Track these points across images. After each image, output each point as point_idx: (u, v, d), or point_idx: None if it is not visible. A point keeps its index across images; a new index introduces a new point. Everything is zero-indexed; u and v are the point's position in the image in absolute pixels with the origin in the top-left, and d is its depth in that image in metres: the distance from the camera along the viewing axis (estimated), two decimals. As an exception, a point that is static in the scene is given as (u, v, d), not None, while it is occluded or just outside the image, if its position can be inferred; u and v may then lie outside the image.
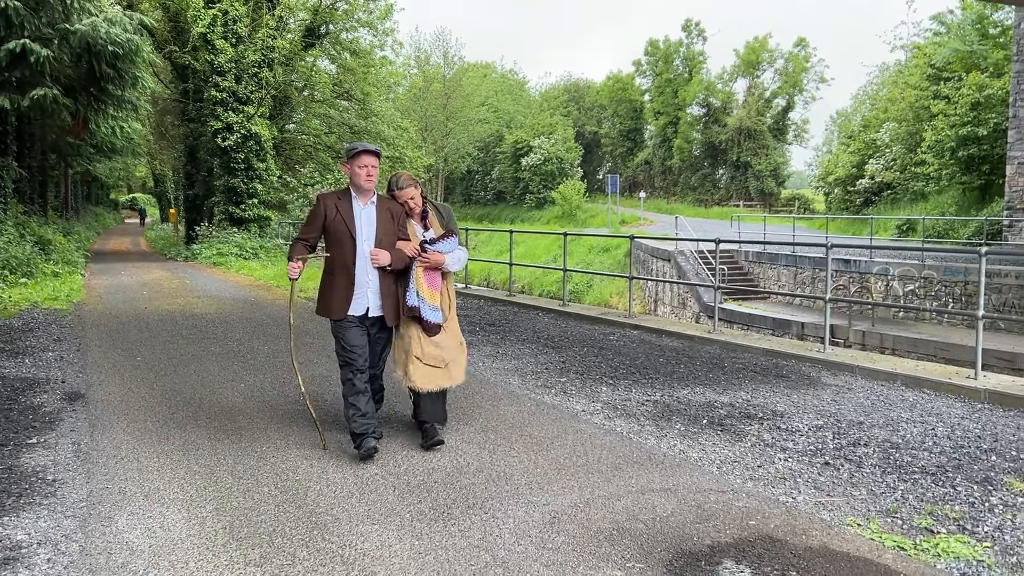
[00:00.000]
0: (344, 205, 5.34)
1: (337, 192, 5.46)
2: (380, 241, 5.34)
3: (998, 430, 6.16)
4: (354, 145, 5.34)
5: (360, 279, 5.32)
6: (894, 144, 39.61)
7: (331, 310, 5.36)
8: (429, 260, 5.48)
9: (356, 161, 5.30)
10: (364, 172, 5.31)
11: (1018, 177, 24.38)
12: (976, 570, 3.76)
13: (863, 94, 54.80)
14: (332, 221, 5.31)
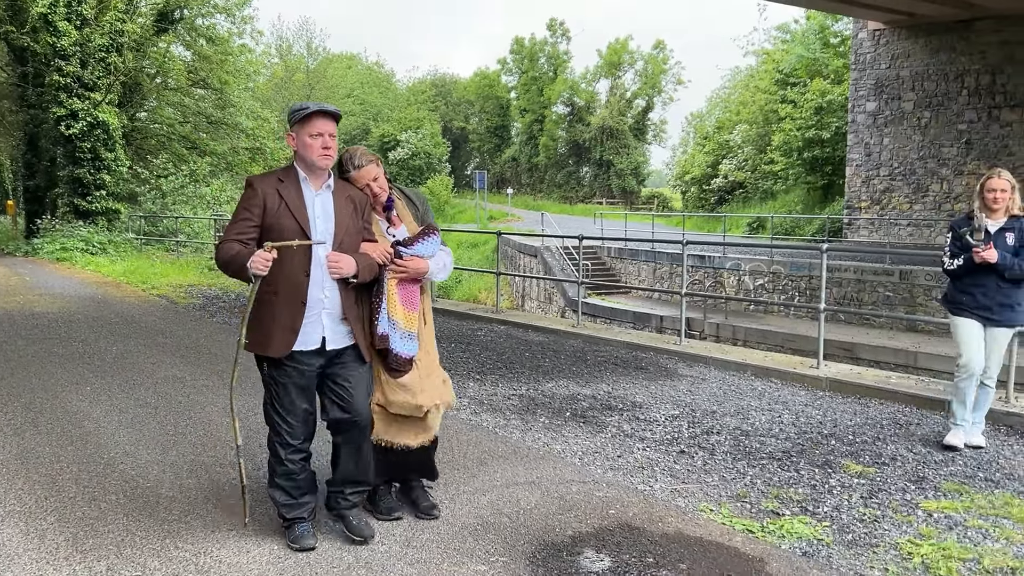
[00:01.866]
0: (290, 191, 3.72)
1: (277, 173, 3.81)
2: (341, 242, 3.75)
3: (837, 416, 6.58)
4: (304, 105, 3.73)
5: (314, 297, 3.70)
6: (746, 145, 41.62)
7: (268, 344, 3.69)
8: (407, 269, 3.98)
9: (307, 127, 3.68)
10: (319, 144, 3.68)
11: (855, 178, 26.12)
12: (816, 548, 4.00)
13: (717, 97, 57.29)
14: (275, 214, 3.68)
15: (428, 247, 4.07)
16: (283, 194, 3.71)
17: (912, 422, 6.42)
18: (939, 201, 24.01)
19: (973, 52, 23.02)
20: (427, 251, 4.06)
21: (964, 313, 5.65)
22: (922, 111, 24.27)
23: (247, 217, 3.71)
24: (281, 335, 3.68)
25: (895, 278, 18.46)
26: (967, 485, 4.94)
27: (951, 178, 23.72)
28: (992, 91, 22.78)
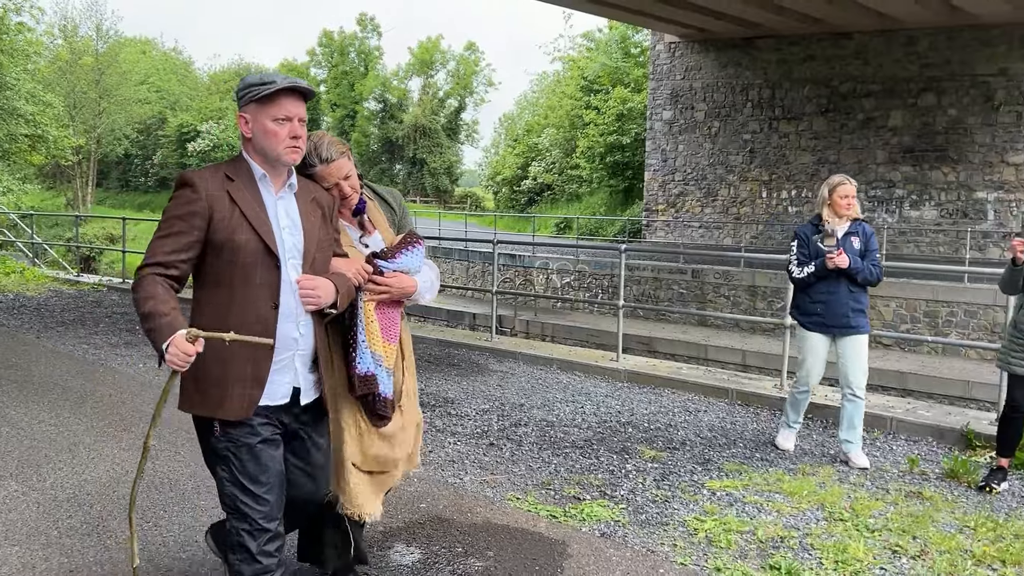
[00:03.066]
0: (245, 194, 2.73)
1: (222, 169, 2.78)
2: (313, 260, 2.82)
3: (634, 405, 7.00)
4: (267, 79, 2.72)
5: (285, 335, 2.75)
6: (553, 148, 43.04)
7: (223, 402, 2.70)
8: (390, 288, 3.13)
9: (270, 109, 2.71)
10: (286, 131, 2.72)
11: (653, 182, 27.68)
12: (613, 529, 4.26)
13: (526, 100, 58.85)
14: (226, 227, 2.68)
15: (413, 260, 3.21)
16: (236, 198, 2.68)
17: (700, 409, 6.94)
18: (727, 205, 25.89)
19: (756, 68, 25.02)
20: (412, 265, 3.21)
21: (816, 328, 5.49)
22: (712, 121, 26.09)
23: (182, 230, 2.63)
24: (241, 390, 2.68)
25: (688, 276, 19.76)
26: (746, 465, 5.42)
27: (737, 184, 25.65)
28: (772, 104, 24.85)
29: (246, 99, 2.72)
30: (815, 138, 23.93)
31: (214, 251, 2.67)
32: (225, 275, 2.68)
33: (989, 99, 21.09)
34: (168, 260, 2.64)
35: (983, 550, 4.05)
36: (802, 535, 4.20)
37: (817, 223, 5.53)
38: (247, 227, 2.68)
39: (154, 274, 2.62)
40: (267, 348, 2.66)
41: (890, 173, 22.58)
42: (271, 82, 2.69)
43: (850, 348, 5.46)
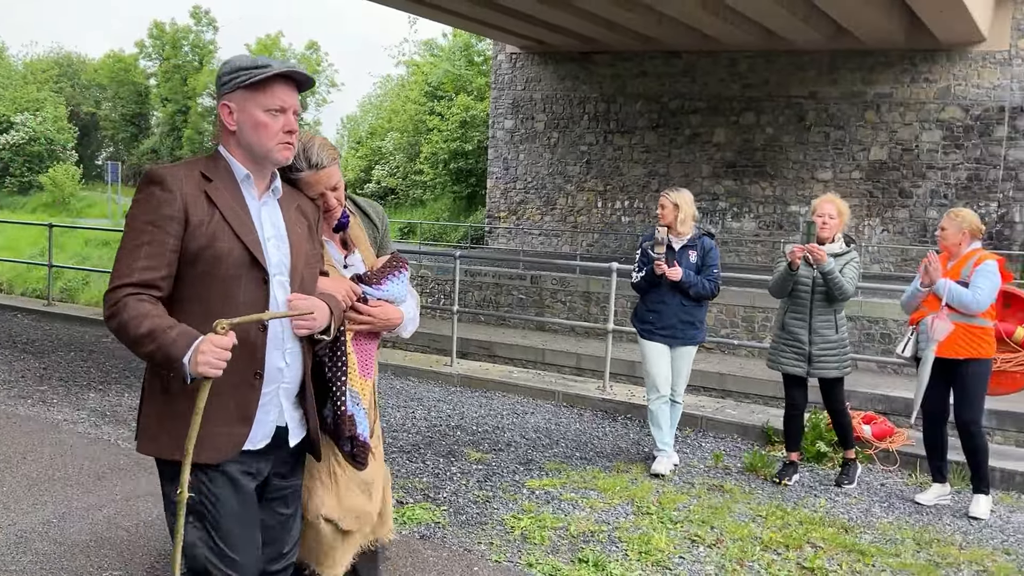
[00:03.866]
0: (225, 196, 2.31)
1: (197, 165, 2.34)
2: (301, 278, 2.42)
3: (465, 409, 7.13)
4: (260, 62, 2.32)
5: (272, 365, 2.35)
6: (397, 153, 42.84)
7: (200, 444, 2.19)
8: (374, 319, 2.76)
9: (261, 97, 2.31)
10: (279, 125, 2.33)
11: (495, 190, 28.12)
12: (433, 530, 4.35)
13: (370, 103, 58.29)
14: (205, 233, 2.25)
15: (399, 287, 2.84)
16: (215, 199, 2.26)
17: (528, 411, 7.16)
18: (565, 213, 26.66)
19: (592, 82, 25.93)
20: (399, 293, 2.84)
21: (652, 336, 5.58)
22: (551, 131, 26.81)
23: (157, 239, 2.19)
24: (224, 429, 2.25)
25: (527, 282, 20.22)
26: (566, 464, 5.65)
27: (575, 193, 26.47)
28: (607, 118, 25.83)
29: (232, 84, 2.29)
30: (647, 151, 25.06)
31: (188, 262, 2.22)
32: (201, 291, 2.22)
33: (801, 119, 22.78)
34: (147, 278, 2.15)
35: (771, 536, 4.43)
36: (611, 529, 4.45)
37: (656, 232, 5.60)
38: (229, 234, 2.23)
39: (134, 295, 2.14)
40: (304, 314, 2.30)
41: (714, 187, 23.95)
42: (265, 66, 2.28)
43: (678, 358, 5.60)
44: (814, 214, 5.42)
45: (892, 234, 21.58)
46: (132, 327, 2.11)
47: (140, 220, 2.21)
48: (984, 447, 5.10)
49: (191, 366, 2.08)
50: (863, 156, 21.89)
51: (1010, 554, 4.44)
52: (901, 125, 21.37)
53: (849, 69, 21.85)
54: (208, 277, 2.23)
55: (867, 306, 14.59)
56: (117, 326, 2.14)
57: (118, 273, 2.18)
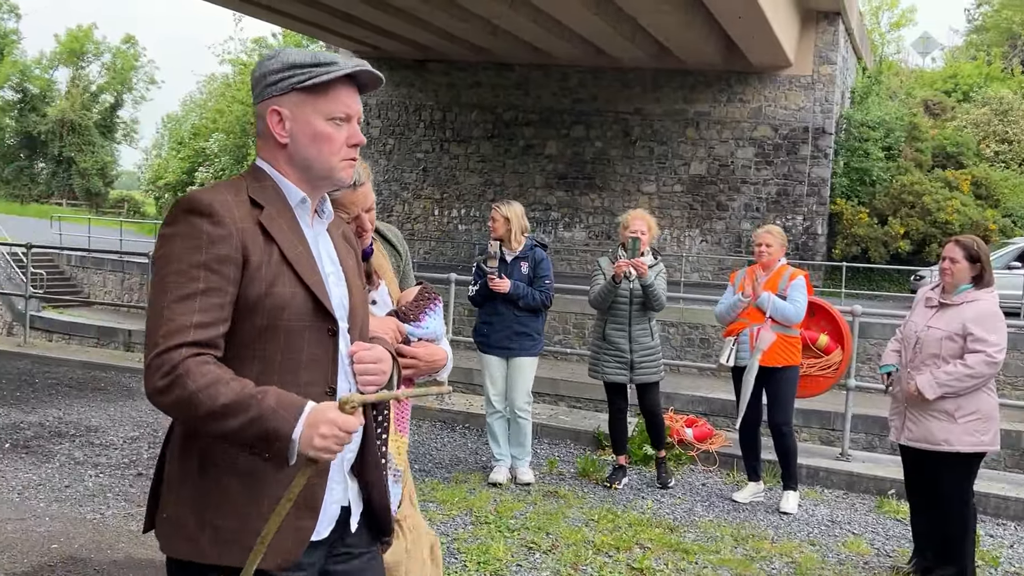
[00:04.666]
0: (281, 227, 1.80)
1: (244, 187, 1.82)
2: (360, 323, 1.93)
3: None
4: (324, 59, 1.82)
5: None
6: (223, 155, 41.20)
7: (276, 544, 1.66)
8: (418, 363, 2.29)
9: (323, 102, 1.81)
10: (343, 136, 1.84)
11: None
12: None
13: (193, 102, 55.72)
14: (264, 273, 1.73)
15: (438, 323, 2.44)
16: (272, 232, 1.77)
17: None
18: (402, 221, 26.54)
19: (428, 90, 26.00)
20: (439, 330, 2.43)
21: (488, 350, 5.61)
22: (387, 138, 26.64)
23: (213, 285, 1.68)
24: (289, 521, 1.67)
25: (361, 290, 19.97)
26: (404, 476, 5.63)
27: (411, 200, 26.42)
28: (444, 127, 25.97)
29: (284, 85, 1.79)
30: (482, 161, 25.40)
31: (244, 313, 1.72)
32: (259, 348, 1.72)
33: (628, 134, 23.82)
34: (207, 336, 1.65)
35: (602, 539, 4.60)
36: (450, 540, 4.48)
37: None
38: (291, 276, 1.75)
39: (194, 356, 1.62)
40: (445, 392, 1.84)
41: (547, 197, 24.60)
42: (328, 63, 1.81)
43: (514, 369, 5.63)
44: (627, 229, 5.67)
45: (710, 244, 22.93)
46: (206, 398, 1.58)
47: (187, 262, 1.66)
48: (794, 447, 5.53)
49: (301, 444, 1.58)
50: (684, 170, 23.15)
51: (815, 545, 4.83)
52: (718, 142, 22.77)
53: (671, 88, 23.07)
54: (268, 331, 1.72)
55: (687, 313, 15.41)
56: (179, 399, 1.59)
57: (168, 330, 1.62)
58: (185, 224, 1.70)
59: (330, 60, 1.81)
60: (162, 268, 1.69)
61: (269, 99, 1.81)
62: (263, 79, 1.82)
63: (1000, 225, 21.04)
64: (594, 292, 5.67)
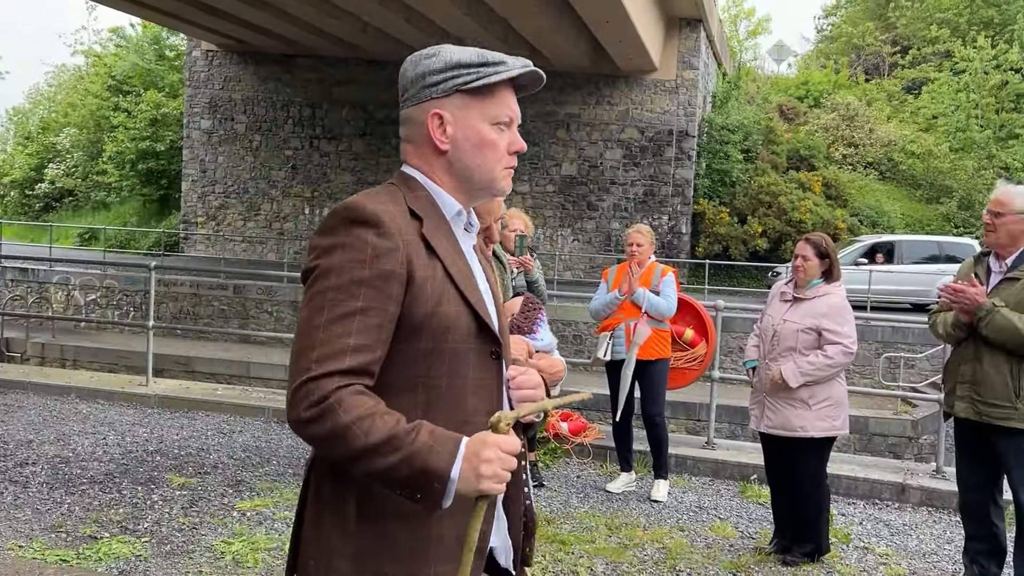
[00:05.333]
0: (442, 241, 1.65)
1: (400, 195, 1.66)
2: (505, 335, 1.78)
3: (164, 432, 6.68)
4: (490, 56, 1.67)
5: None
6: (75, 151, 38.91)
7: None
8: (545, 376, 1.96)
9: (489, 104, 1.67)
10: (504, 143, 1.70)
11: (192, 193, 26.58)
12: (134, 564, 4.05)
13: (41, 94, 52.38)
14: (430, 291, 1.58)
15: (548, 333, 2.39)
16: (435, 246, 1.62)
17: (235, 430, 6.87)
18: (270, 220, 25.83)
19: (297, 85, 25.39)
20: (551, 341, 2.37)
21: None
22: (254, 134, 25.84)
23: (375, 305, 1.52)
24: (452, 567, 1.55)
25: (230, 292, 19.31)
26: (279, 482, 5.51)
27: (280, 199, 25.74)
28: (313, 123, 25.42)
29: (448, 86, 1.63)
30: (355, 159, 25.04)
31: (408, 335, 1.56)
32: (420, 374, 1.57)
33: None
34: (362, 362, 1.49)
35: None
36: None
37: None
38: (455, 294, 1.60)
39: (347, 387, 1.47)
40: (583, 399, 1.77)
41: (420, 195, 24.51)
42: (499, 63, 1.66)
43: None
44: (504, 228, 5.74)
45: (582, 243, 23.43)
46: (359, 433, 1.43)
47: (348, 277, 1.50)
48: (666, 436, 5.75)
49: (460, 482, 1.44)
50: (556, 171, 23.56)
51: (684, 531, 5.04)
52: (588, 143, 23.30)
53: (542, 89, 22.96)
54: (433, 355, 1.57)
55: (561, 310, 15.73)
56: (331, 432, 1.44)
57: (322, 355, 1.47)
58: (347, 235, 1.53)
59: (498, 59, 1.66)
60: (318, 283, 1.52)
61: (427, 101, 1.64)
62: (421, 79, 1.65)
63: (848, 224, 22.43)
64: None
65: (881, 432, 11.37)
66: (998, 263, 4.04)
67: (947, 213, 23.99)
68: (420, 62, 1.66)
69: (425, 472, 1.42)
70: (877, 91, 30.73)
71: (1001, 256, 4.01)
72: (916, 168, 25.57)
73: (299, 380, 1.46)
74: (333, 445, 1.46)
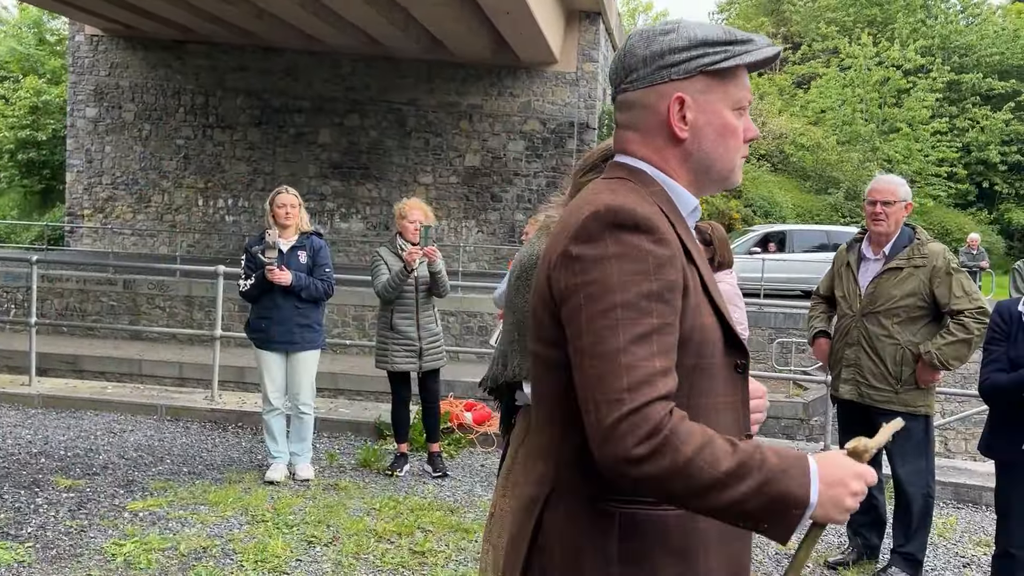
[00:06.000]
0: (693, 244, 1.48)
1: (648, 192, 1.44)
2: None
3: (49, 433, 6.37)
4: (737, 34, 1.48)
5: None
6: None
7: None
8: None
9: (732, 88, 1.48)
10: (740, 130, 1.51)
11: (77, 185, 25.36)
12: (17, 571, 3.84)
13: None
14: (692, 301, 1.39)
15: None
16: (691, 252, 1.45)
17: (126, 429, 6.60)
18: (161, 212, 24.89)
19: (188, 73, 24.50)
20: None
21: (267, 345, 5.36)
22: (143, 123, 24.82)
23: (669, 320, 1.34)
24: None
25: (119, 287, 18.53)
26: (173, 481, 5.32)
27: (172, 190, 24.81)
28: (206, 112, 24.59)
29: (692, 66, 1.45)
30: (250, 148, 24.36)
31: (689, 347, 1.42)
32: (682, 394, 1.37)
33: (403, 125, 23.78)
34: (671, 387, 1.31)
35: (384, 527, 4.60)
36: (225, 542, 4.29)
37: (263, 235, 5.40)
38: (707, 303, 1.44)
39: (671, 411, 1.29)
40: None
41: (321, 187, 24.05)
42: (747, 40, 1.48)
43: (299, 364, 5.41)
44: (403, 219, 5.69)
45: (486, 235, 23.46)
46: (703, 464, 1.25)
47: (635, 292, 1.31)
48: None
49: (818, 507, 1.29)
50: (459, 162, 23.51)
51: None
52: (491, 135, 23.32)
53: (444, 80, 23.31)
54: (695, 372, 1.41)
55: (466, 301, 15.73)
56: (669, 468, 1.25)
57: (634, 381, 1.27)
58: (617, 243, 1.33)
59: (745, 37, 1.48)
60: (599, 301, 1.31)
61: (666, 83, 1.45)
62: (657, 58, 1.45)
63: (743, 214, 23.17)
64: (382, 283, 5.61)
65: (775, 415, 11.80)
66: (873, 250, 4.23)
67: (835, 203, 25.08)
68: (655, 39, 1.46)
69: (783, 498, 1.26)
70: (769, 85, 31.83)
71: (878, 243, 4.20)
72: (806, 160, 26.62)
73: (617, 413, 1.26)
74: (672, 482, 1.26)
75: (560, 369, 1.37)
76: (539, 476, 1.45)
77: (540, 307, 1.42)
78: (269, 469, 5.44)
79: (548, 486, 1.41)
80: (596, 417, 1.27)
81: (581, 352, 1.31)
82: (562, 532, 1.39)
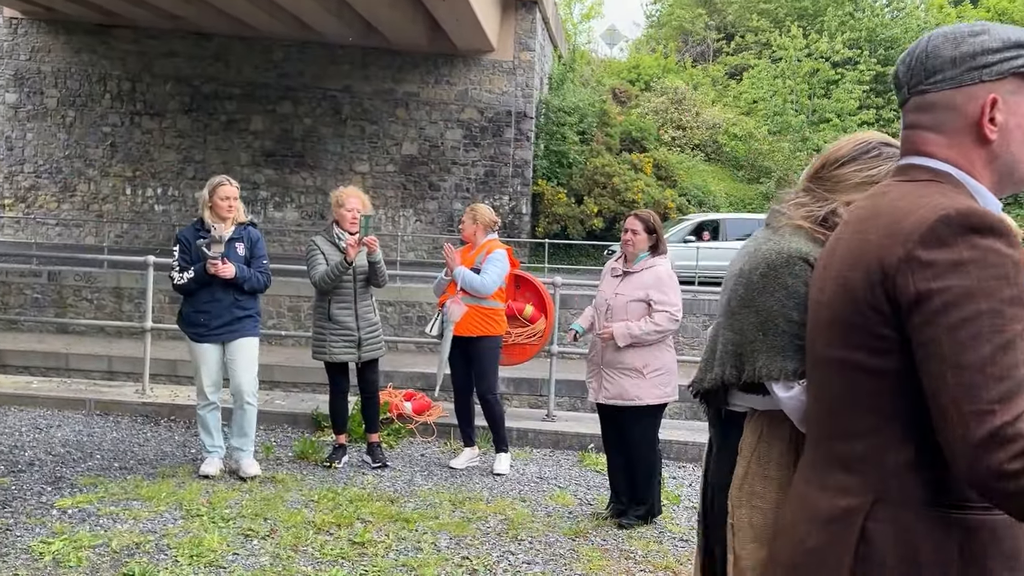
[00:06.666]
0: None
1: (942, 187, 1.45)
2: None
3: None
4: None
5: None
6: None
7: None
8: None
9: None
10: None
11: (-3, 173, 24.40)
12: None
13: None
14: None
15: None
16: None
17: (53, 424, 6.41)
18: (87, 201, 24.14)
19: (114, 58, 23.76)
20: None
21: (203, 339, 5.24)
22: (67, 109, 24.02)
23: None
24: None
25: (44, 279, 17.93)
26: (103, 476, 5.19)
27: (98, 179, 24.08)
28: (133, 98, 23.89)
29: (1005, 68, 1.44)
30: (180, 136, 23.77)
31: None
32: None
33: (338, 112, 23.46)
34: None
35: (323, 519, 4.57)
36: (159, 537, 4.20)
37: (200, 227, 5.26)
38: None
39: None
40: None
41: (254, 175, 23.59)
42: None
43: (238, 353, 5.29)
44: (341, 207, 5.63)
45: (424, 224, 23.34)
46: None
47: (997, 299, 1.27)
48: (500, 412, 5.82)
49: None
50: (396, 150, 23.31)
51: (525, 501, 5.15)
52: (428, 123, 23.17)
53: (380, 67, 23.06)
54: None
55: (404, 291, 15.65)
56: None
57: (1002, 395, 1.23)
58: (972, 248, 1.29)
59: None
60: (961, 308, 1.27)
61: (976, 84, 1.44)
62: (969, 59, 1.45)
63: (677, 203, 23.49)
64: (320, 273, 5.53)
65: (709, 399, 12.02)
66: None
67: (766, 192, 25.59)
68: (964, 40, 1.46)
69: None
70: (703, 76, 32.27)
71: None
72: (738, 150, 27.10)
73: (989, 427, 1.22)
74: None
75: (887, 377, 1.36)
76: (843, 486, 1.43)
77: (855, 313, 1.39)
78: (204, 463, 5.35)
79: (867, 496, 1.40)
80: (963, 431, 1.24)
81: (942, 361, 1.27)
82: (895, 541, 1.38)
